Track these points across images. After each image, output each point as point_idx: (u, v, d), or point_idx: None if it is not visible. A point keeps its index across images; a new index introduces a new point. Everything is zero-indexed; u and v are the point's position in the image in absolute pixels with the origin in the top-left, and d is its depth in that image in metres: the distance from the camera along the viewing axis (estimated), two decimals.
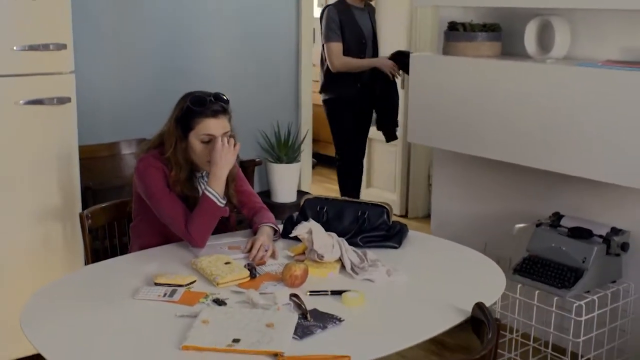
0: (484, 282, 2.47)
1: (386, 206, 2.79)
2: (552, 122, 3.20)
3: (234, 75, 4.63)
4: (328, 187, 6.17)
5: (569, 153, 3.17)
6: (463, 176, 3.99)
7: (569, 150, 3.16)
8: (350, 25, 4.63)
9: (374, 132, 4.88)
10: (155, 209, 2.66)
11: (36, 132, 3.29)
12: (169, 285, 2.27)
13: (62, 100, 3.31)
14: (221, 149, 2.59)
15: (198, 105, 2.63)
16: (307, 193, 4.82)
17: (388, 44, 5.38)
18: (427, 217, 5.66)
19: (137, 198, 2.78)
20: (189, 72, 4.43)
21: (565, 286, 3.14)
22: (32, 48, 3.20)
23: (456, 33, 3.56)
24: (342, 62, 4.61)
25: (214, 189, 2.60)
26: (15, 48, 3.16)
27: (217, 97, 2.67)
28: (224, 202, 2.62)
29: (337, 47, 4.60)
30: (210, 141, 2.63)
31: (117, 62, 4.24)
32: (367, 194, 5.99)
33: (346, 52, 4.62)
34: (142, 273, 2.39)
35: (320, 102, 4.77)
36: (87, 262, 2.89)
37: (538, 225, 3.41)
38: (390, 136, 4.84)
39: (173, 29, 4.40)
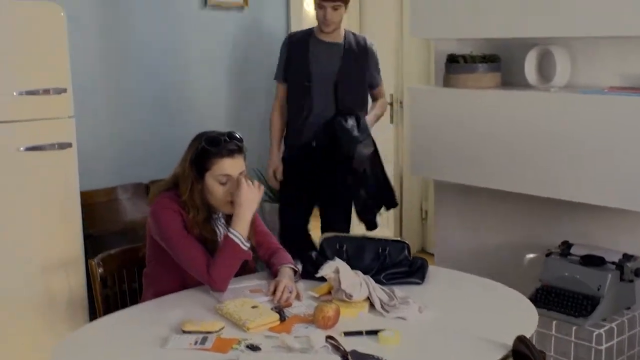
0: (515, 314, 2.43)
1: (406, 242, 2.76)
2: (557, 149, 3.20)
3: (228, 117, 4.62)
4: (315, 225, 6.09)
5: (575, 180, 3.17)
6: (466, 208, 3.97)
7: (575, 177, 3.16)
8: (298, 60, 3.92)
9: None
10: (173, 252, 2.58)
11: (37, 179, 3.22)
12: (199, 332, 2.19)
13: (63, 146, 3.25)
14: (247, 190, 2.54)
15: (213, 145, 2.58)
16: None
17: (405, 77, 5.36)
18: (422, 251, 5.64)
19: (151, 242, 2.69)
20: (185, 116, 4.40)
21: (582, 315, 3.11)
22: (32, 93, 3.15)
23: (456, 65, 3.57)
24: (272, 111, 4.09)
25: (239, 231, 2.53)
26: (15, 93, 3.10)
27: (231, 136, 2.62)
28: (248, 245, 2.56)
29: (278, 89, 4.05)
30: (227, 182, 2.58)
31: (113, 106, 4.19)
32: (359, 230, 5.93)
33: (288, 95, 3.99)
34: (167, 321, 2.31)
35: None
36: (96, 311, 2.80)
37: (548, 254, 3.39)
38: (369, 225, 4.02)
39: (168, 73, 4.39)
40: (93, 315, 3.40)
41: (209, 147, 2.58)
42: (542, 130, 3.24)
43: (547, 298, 3.26)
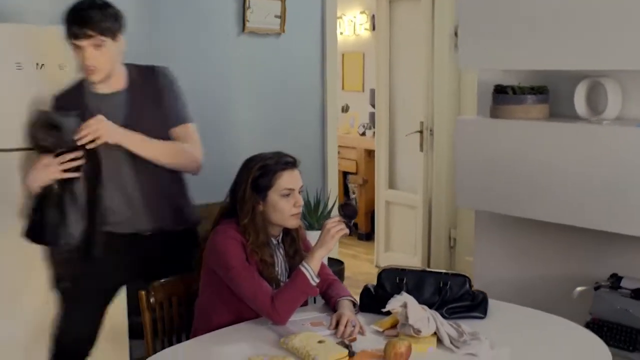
0: (585, 350, 2.39)
1: (467, 275, 2.71)
2: (607, 182, 3.16)
3: (261, 143, 4.55)
4: (344, 253, 6.07)
5: (624, 212, 3.13)
6: (508, 239, 3.91)
7: (624, 209, 3.12)
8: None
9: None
10: (234, 282, 2.53)
11: None
12: None
13: None
14: (335, 233, 2.51)
15: (272, 162, 2.61)
16: (338, 260, 4.72)
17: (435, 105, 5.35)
18: None
19: (207, 272, 2.64)
20: (215, 140, 4.35)
21: (637, 349, 3.06)
22: None
23: (505, 96, 3.53)
24: None
25: (312, 267, 2.50)
26: None
27: (282, 153, 2.67)
28: (318, 280, 2.52)
29: None
30: (290, 195, 2.59)
31: None
32: (385, 259, 5.91)
33: None
34: (233, 355, 2.28)
35: None
36: (135, 336, 2.75)
37: (597, 288, 3.34)
38: None
39: (203, 98, 4.35)
40: (133, 339, 3.40)
41: (268, 165, 2.60)
42: (592, 162, 3.21)
43: (598, 332, 3.18)
